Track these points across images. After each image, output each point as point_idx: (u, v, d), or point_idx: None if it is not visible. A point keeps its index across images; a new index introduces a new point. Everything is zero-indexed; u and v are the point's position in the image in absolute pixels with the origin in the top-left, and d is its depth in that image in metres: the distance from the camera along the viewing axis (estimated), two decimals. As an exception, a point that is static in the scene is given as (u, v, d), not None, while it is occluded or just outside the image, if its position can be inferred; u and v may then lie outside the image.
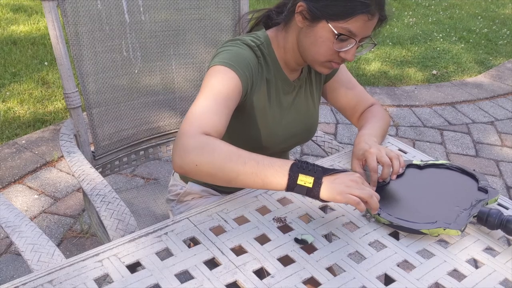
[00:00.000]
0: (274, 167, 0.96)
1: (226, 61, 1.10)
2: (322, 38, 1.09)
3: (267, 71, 1.20)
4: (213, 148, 0.97)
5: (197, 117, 1.02)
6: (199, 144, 0.97)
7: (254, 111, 1.19)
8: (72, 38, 1.35)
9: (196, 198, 1.37)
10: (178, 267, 0.90)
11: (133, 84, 1.50)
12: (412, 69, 3.99)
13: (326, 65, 1.14)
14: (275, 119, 1.23)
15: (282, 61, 1.22)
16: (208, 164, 0.97)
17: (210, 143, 0.98)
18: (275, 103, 1.23)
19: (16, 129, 2.82)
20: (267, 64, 1.20)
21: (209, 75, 1.10)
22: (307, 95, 1.31)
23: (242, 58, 1.12)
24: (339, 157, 1.30)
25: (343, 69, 1.37)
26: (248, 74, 1.12)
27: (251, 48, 1.16)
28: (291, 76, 1.26)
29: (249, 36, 1.20)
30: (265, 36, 1.21)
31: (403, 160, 1.16)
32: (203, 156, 0.97)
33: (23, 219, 1.05)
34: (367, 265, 0.93)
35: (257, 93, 1.18)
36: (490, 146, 2.99)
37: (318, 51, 1.11)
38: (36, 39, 3.98)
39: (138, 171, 2.56)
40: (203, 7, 1.54)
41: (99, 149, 1.49)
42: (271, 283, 0.88)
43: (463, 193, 1.13)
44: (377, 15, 1.09)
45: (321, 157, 2.65)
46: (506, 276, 0.93)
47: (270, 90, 1.21)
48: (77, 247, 2.06)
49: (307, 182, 0.94)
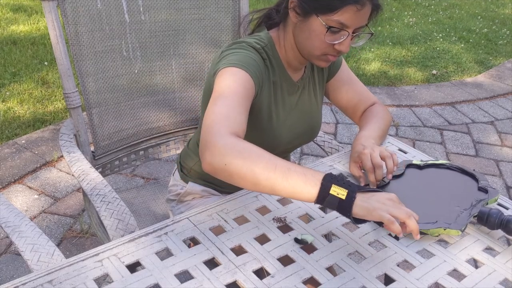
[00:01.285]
0: (306, 175, 0.91)
1: (237, 63, 1.09)
2: (315, 32, 1.10)
3: (273, 73, 1.20)
4: (244, 149, 0.93)
5: (225, 117, 0.99)
6: (231, 144, 0.94)
7: (261, 113, 1.19)
8: (72, 38, 1.35)
9: (196, 198, 1.36)
10: (178, 267, 0.90)
11: (133, 84, 1.50)
12: (412, 69, 3.99)
13: (323, 58, 1.14)
14: (280, 120, 1.23)
15: (285, 62, 1.22)
16: (238, 165, 0.92)
17: (241, 144, 0.94)
18: (280, 104, 1.23)
19: (16, 129, 2.82)
20: (272, 65, 1.20)
21: (222, 77, 1.07)
22: (310, 95, 1.31)
23: (252, 60, 1.12)
24: (339, 157, 1.30)
25: (345, 68, 1.37)
26: (259, 75, 1.12)
27: (257, 50, 1.16)
28: (295, 76, 1.26)
29: (253, 38, 1.19)
30: (268, 37, 1.21)
31: (397, 158, 1.15)
32: (234, 156, 0.92)
33: (23, 219, 1.05)
34: (367, 265, 0.93)
35: (264, 95, 1.18)
36: (490, 146, 2.99)
37: (313, 45, 1.11)
38: (36, 39, 3.98)
39: (138, 171, 2.56)
40: (203, 7, 1.54)
41: (99, 149, 1.49)
42: (271, 283, 0.88)
43: (463, 193, 1.13)
44: (368, 4, 1.07)
45: (321, 157, 2.65)
46: (506, 276, 0.93)
47: (275, 92, 1.21)
48: (77, 247, 2.05)
49: (340, 194, 0.88)
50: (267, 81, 1.18)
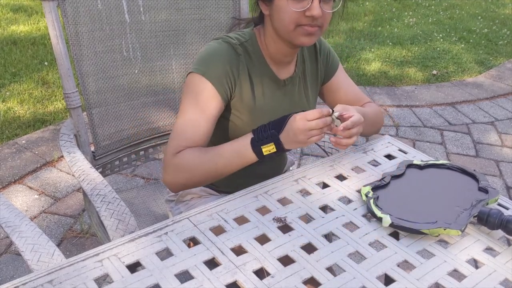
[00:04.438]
0: (239, 153, 1.12)
1: (201, 68, 1.15)
2: (282, 8, 1.11)
3: (252, 68, 1.21)
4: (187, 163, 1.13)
5: (179, 134, 1.15)
6: (175, 165, 1.14)
7: (241, 109, 1.21)
8: (72, 38, 1.35)
9: (195, 198, 1.37)
10: (178, 267, 0.90)
11: (133, 84, 1.50)
12: (412, 69, 3.99)
13: (300, 31, 1.12)
14: (264, 116, 1.23)
15: (268, 57, 1.23)
16: (191, 178, 1.15)
17: (182, 161, 1.13)
18: (262, 100, 1.23)
19: (16, 129, 2.82)
20: (252, 61, 1.21)
21: (187, 88, 1.17)
22: (301, 95, 1.31)
23: (217, 60, 1.15)
24: (339, 157, 1.30)
25: (341, 70, 1.38)
26: (224, 78, 1.16)
27: (232, 46, 1.18)
28: (282, 72, 1.26)
29: (235, 34, 1.22)
30: (251, 33, 1.23)
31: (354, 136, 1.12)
32: (183, 174, 1.14)
33: (23, 219, 1.05)
34: (367, 265, 0.93)
35: (240, 91, 1.20)
36: (490, 146, 2.99)
37: (284, 20, 1.12)
38: (36, 39, 3.98)
39: (138, 171, 2.56)
40: (203, 7, 1.54)
41: (99, 149, 1.49)
42: (271, 283, 0.88)
43: (463, 193, 1.13)
44: None
45: (321, 157, 2.65)
46: (506, 276, 0.93)
47: (255, 87, 1.22)
48: (77, 247, 2.05)
49: (271, 150, 1.10)
50: (243, 77, 1.19)
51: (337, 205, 1.10)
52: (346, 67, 3.92)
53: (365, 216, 1.07)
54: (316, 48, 1.33)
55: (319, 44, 1.33)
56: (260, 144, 1.10)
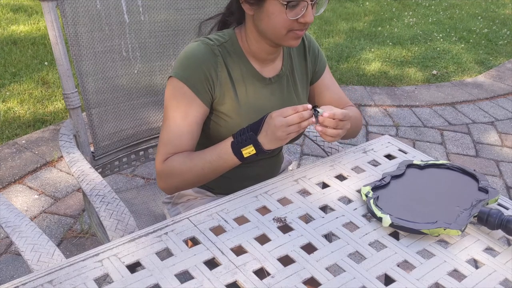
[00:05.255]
0: (222, 157, 1.14)
1: (179, 72, 1.16)
2: (274, 13, 1.10)
3: (233, 69, 1.20)
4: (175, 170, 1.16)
5: (165, 144, 1.17)
6: (164, 173, 1.17)
7: (226, 111, 1.20)
8: (71, 38, 1.35)
9: (191, 200, 1.36)
10: (178, 267, 0.90)
11: (132, 84, 1.50)
12: (412, 69, 3.99)
13: (291, 35, 1.13)
14: (252, 115, 1.22)
15: (250, 55, 1.22)
16: (183, 181, 1.17)
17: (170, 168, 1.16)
18: (246, 99, 1.22)
19: (16, 129, 2.82)
20: (233, 60, 1.20)
21: (168, 93, 1.18)
22: (290, 93, 1.30)
23: (194, 63, 1.15)
24: (339, 157, 1.30)
25: (328, 72, 1.38)
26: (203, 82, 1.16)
27: (209, 47, 1.17)
28: (266, 70, 1.25)
29: (215, 35, 1.22)
30: (231, 34, 1.22)
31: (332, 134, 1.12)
32: (174, 179, 1.17)
33: (23, 219, 1.05)
34: (367, 265, 0.93)
35: (221, 93, 1.19)
36: (490, 146, 2.99)
37: (275, 26, 1.11)
38: (36, 39, 3.99)
39: (138, 171, 2.56)
40: (203, 7, 1.54)
41: (99, 149, 1.49)
42: (271, 283, 0.87)
43: (463, 193, 1.13)
44: None
45: (321, 157, 2.65)
46: (506, 276, 0.93)
47: (237, 87, 1.21)
48: (77, 247, 2.05)
49: (251, 152, 1.11)
50: (223, 78, 1.18)
51: (337, 205, 1.10)
52: (346, 67, 3.92)
53: (365, 216, 1.07)
54: (305, 45, 1.32)
55: (308, 41, 1.32)
56: (239, 146, 1.11)
